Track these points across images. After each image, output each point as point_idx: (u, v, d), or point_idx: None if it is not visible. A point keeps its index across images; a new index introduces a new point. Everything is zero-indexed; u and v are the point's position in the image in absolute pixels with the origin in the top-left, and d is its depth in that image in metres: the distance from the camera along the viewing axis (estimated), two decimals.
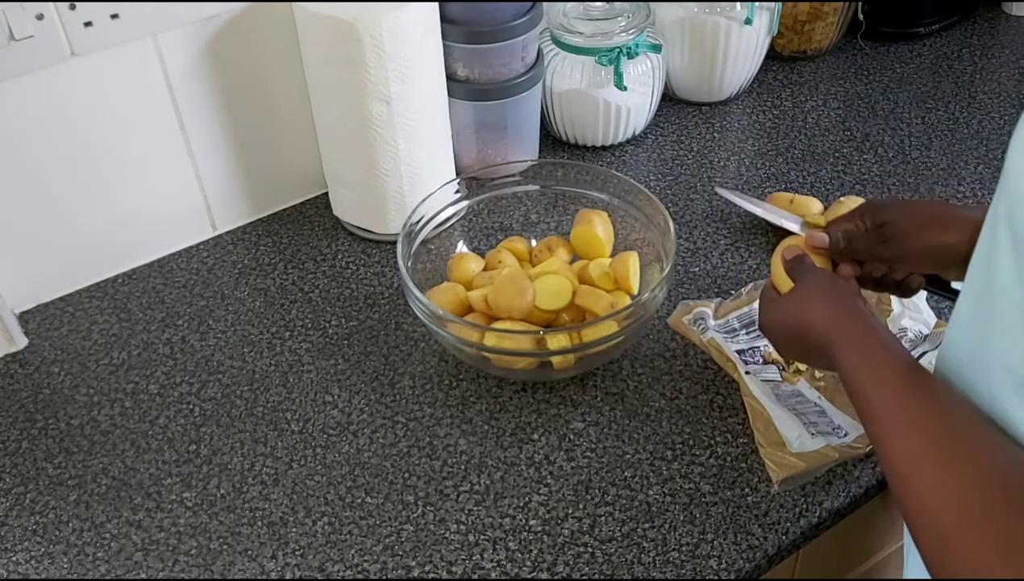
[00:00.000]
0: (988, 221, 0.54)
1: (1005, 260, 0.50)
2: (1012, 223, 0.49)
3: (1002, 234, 0.50)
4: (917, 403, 0.56)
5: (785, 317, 0.73)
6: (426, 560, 0.75)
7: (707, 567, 0.73)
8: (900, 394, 0.57)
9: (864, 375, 0.61)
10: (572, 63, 1.13)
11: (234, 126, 1.03)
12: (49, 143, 0.92)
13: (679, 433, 0.83)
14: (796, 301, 0.72)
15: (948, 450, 0.52)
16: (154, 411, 0.89)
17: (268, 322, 0.97)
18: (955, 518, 0.49)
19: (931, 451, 0.52)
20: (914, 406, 0.56)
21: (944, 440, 0.53)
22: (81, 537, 0.78)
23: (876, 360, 0.61)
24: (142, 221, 1.02)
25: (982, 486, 0.49)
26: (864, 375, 0.61)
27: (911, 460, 0.53)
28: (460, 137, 1.10)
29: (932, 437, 0.53)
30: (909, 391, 0.57)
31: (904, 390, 0.57)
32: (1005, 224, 0.50)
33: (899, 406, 0.56)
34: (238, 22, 0.97)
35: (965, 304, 0.57)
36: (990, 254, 0.52)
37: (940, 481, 0.51)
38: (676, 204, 1.09)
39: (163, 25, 0.92)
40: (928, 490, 0.51)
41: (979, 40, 1.37)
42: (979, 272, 0.54)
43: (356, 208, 1.05)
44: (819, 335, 0.67)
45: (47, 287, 1.01)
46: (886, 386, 0.58)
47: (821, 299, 0.70)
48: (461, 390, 0.89)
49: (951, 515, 0.49)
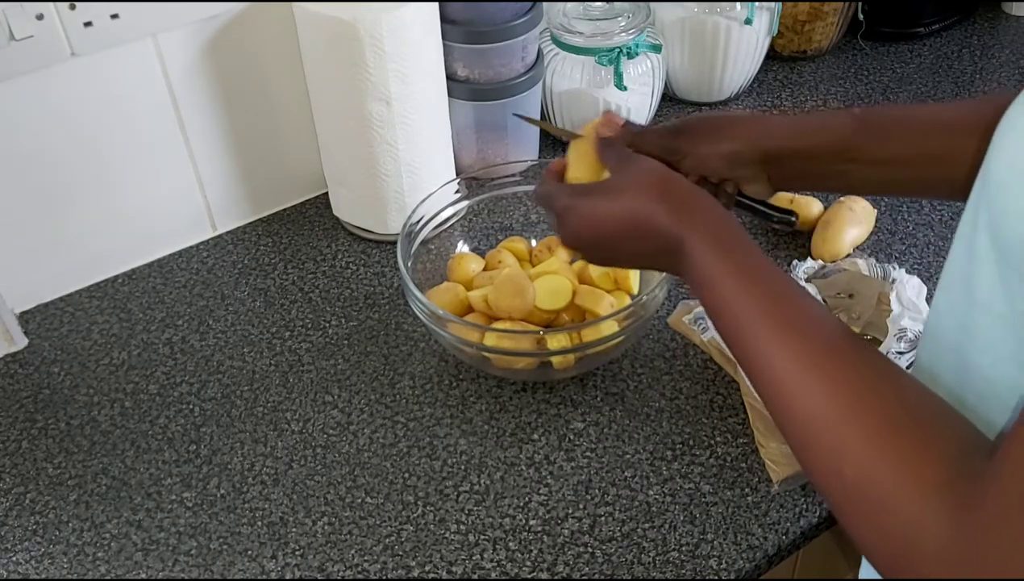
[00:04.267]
0: (961, 234, 0.52)
1: (986, 274, 0.48)
2: (996, 237, 0.47)
3: (982, 247, 0.48)
4: (802, 309, 0.52)
5: (611, 213, 0.61)
6: (426, 560, 0.75)
7: (707, 567, 0.73)
8: (778, 295, 0.53)
9: (728, 273, 0.55)
10: (572, 63, 1.13)
11: (234, 126, 1.03)
12: (49, 143, 0.92)
13: (679, 433, 0.83)
14: (626, 192, 0.61)
15: (836, 358, 0.49)
16: (154, 411, 0.89)
17: (268, 322, 0.97)
18: (859, 431, 0.46)
19: (817, 359, 0.49)
20: (799, 312, 0.52)
21: (832, 346, 0.50)
22: (81, 537, 0.78)
23: (743, 259, 0.55)
24: (142, 221, 1.02)
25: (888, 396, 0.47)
26: (728, 273, 0.55)
27: (792, 367, 0.50)
28: (460, 137, 1.10)
29: (818, 343, 0.50)
30: (788, 293, 0.53)
31: (783, 291, 0.53)
32: (986, 238, 0.48)
33: (777, 309, 0.52)
34: (238, 22, 0.97)
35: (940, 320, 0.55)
36: (967, 268, 0.50)
37: (830, 391, 0.48)
38: None
39: (163, 25, 0.92)
40: (818, 399, 0.48)
41: (979, 40, 1.37)
42: (956, 287, 0.52)
43: (356, 208, 1.05)
44: (665, 232, 0.58)
45: (47, 287, 1.01)
46: (759, 285, 0.53)
47: (658, 189, 0.60)
48: (461, 390, 0.89)
49: (852, 427, 0.47)
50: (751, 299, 0.54)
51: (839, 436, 0.47)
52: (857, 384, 0.48)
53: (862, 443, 0.46)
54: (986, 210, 0.48)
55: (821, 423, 0.48)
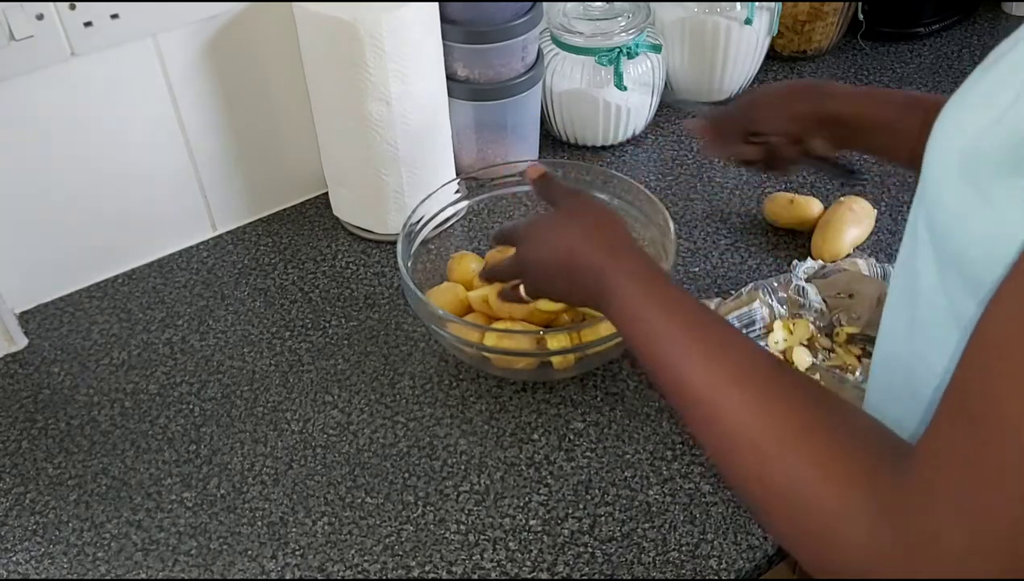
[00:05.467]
0: (909, 228, 0.54)
1: (928, 266, 0.50)
2: (931, 230, 0.49)
3: (922, 240, 0.50)
4: (724, 333, 0.55)
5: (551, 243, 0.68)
6: (426, 560, 0.75)
7: (707, 567, 0.73)
8: (697, 322, 0.56)
9: (651, 305, 0.59)
10: (572, 63, 1.13)
11: (234, 126, 1.03)
12: (49, 143, 0.92)
13: (679, 433, 0.83)
14: (563, 226, 0.68)
15: (751, 373, 0.52)
16: (154, 411, 0.89)
17: (268, 322, 0.97)
18: (774, 436, 0.48)
19: (736, 375, 0.52)
20: (721, 336, 0.55)
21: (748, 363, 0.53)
22: (81, 537, 0.78)
23: (665, 292, 0.59)
24: (142, 221, 1.02)
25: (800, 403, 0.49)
26: (651, 305, 0.59)
27: (713, 384, 0.52)
28: (460, 137, 1.10)
29: (735, 361, 0.53)
30: (706, 320, 0.56)
31: (702, 319, 0.56)
32: (925, 230, 0.50)
33: (697, 334, 0.55)
34: (238, 22, 0.97)
35: (891, 314, 0.57)
36: (912, 261, 0.52)
37: (747, 402, 0.50)
38: (676, 204, 1.09)
39: (163, 25, 0.92)
40: (737, 411, 0.50)
41: (979, 40, 1.37)
42: (903, 280, 0.54)
43: (356, 208, 1.05)
44: (588, 264, 0.64)
45: (47, 287, 1.01)
46: (680, 315, 0.57)
47: (585, 228, 0.67)
48: (461, 390, 0.89)
49: (768, 433, 0.49)
50: (674, 327, 0.57)
51: (758, 443, 0.49)
52: (775, 395, 0.50)
53: (779, 447, 0.48)
54: (923, 204, 0.50)
55: (740, 432, 0.50)
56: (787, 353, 0.87)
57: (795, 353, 0.86)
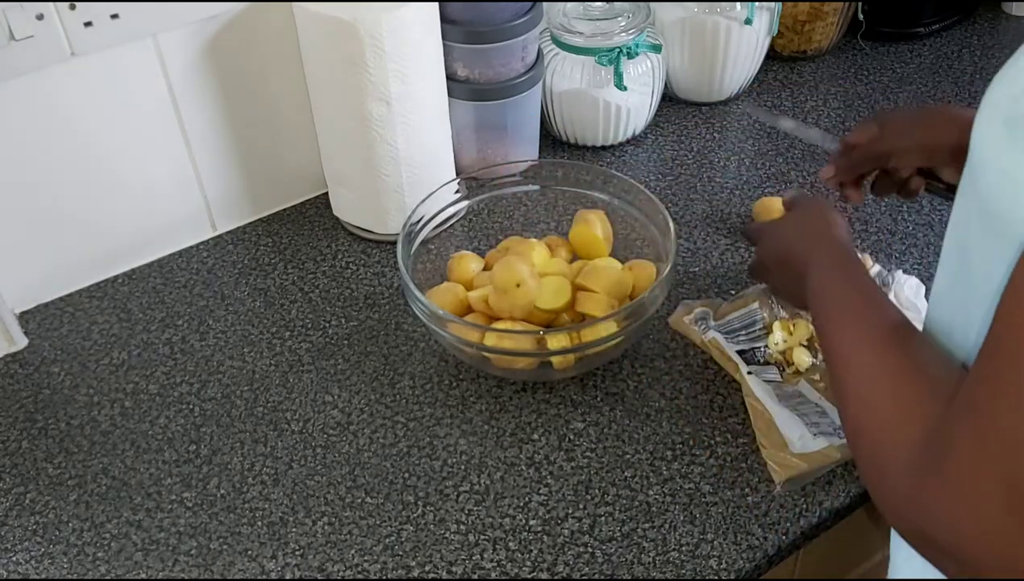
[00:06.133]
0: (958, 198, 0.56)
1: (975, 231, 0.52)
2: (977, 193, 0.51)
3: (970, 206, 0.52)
4: (880, 307, 0.61)
5: (775, 243, 0.78)
6: (426, 560, 0.75)
7: (707, 567, 0.73)
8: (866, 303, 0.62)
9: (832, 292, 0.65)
10: (572, 63, 1.13)
11: (234, 126, 1.03)
12: (49, 143, 0.92)
13: (679, 433, 0.83)
14: (785, 226, 0.78)
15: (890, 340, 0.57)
16: (154, 411, 0.89)
17: (268, 322, 0.97)
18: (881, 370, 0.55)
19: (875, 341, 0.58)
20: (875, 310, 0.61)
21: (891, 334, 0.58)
22: (81, 537, 0.78)
23: (847, 275, 0.66)
24: (142, 221, 1.02)
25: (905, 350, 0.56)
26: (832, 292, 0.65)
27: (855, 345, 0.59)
28: (460, 137, 1.10)
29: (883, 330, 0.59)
30: (879, 304, 0.62)
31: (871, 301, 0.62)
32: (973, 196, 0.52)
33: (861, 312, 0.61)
34: (238, 22, 0.97)
35: (943, 277, 0.59)
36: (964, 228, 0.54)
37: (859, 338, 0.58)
38: (676, 204, 1.09)
39: (163, 25, 0.92)
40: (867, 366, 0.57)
41: (979, 40, 1.37)
42: (954, 245, 0.56)
43: (356, 208, 1.05)
44: (800, 258, 0.71)
45: (47, 287, 1.01)
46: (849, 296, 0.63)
47: (807, 224, 0.75)
48: (461, 390, 0.89)
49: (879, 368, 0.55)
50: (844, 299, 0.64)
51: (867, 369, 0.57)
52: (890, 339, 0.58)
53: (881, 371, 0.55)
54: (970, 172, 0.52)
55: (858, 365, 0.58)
56: (787, 353, 0.87)
57: (795, 353, 0.86)
